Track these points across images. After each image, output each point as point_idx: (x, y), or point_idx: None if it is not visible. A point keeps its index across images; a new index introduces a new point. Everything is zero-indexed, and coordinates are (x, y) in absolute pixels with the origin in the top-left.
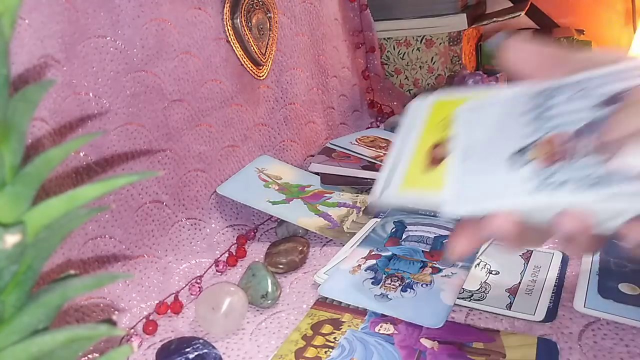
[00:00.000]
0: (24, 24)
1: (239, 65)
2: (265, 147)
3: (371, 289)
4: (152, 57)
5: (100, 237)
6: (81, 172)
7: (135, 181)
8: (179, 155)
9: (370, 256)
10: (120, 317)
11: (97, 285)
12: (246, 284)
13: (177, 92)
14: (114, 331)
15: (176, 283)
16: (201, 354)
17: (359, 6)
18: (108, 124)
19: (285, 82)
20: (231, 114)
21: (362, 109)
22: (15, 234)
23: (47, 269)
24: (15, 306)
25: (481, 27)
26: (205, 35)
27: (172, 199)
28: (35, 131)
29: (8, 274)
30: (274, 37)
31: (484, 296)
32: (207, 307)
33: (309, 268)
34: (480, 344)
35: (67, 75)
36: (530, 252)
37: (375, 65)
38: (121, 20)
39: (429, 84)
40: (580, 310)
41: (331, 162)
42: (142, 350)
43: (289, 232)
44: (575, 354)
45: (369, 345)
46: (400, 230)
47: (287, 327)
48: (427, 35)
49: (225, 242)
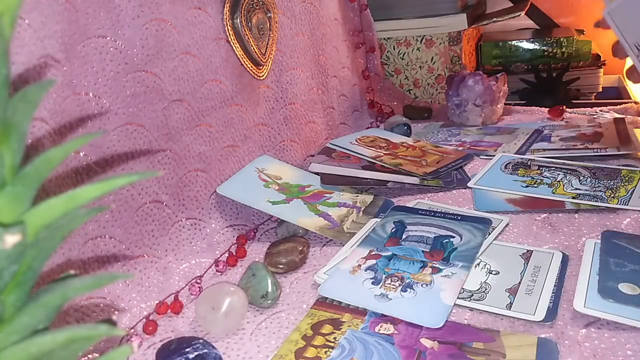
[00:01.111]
0: (24, 24)
1: (239, 65)
2: (265, 147)
3: (371, 289)
4: (152, 57)
5: (100, 237)
6: (81, 172)
7: (135, 181)
8: (179, 155)
9: (370, 256)
10: (120, 317)
11: (97, 285)
12: (246, 284)
13: (177, 92)
14: (114, 331)
15: (176, 283)
16: (201, 354)
17: (359, 6)
18: (108, 124)
19: (285, 82)
20: (231, 114)
21: (362, 109)
22: (15, 234)
23: (47, 269)
24: (15, 306)
25: (481, 27)
26: (205, 35)
27: (172, 199)
28: (35, 131)
29: (8, 274)
30: (274, 37)
31: (484, 296)
32: (207, 307)
33: (309, 268)
34: (480, 344)
35: (67, 75)
36: (530, 252)
37: (375, 65)
38: (121, 20)
39: (429, 84)
40: (580, 310)
41: (331, 162)
42: (142, 350)
43: (289, 232)
44: (575, 354)
45: (369, 345)
46: (400, 230)
47: (287, 327)
48: (427, 35)
49: (225, 242)
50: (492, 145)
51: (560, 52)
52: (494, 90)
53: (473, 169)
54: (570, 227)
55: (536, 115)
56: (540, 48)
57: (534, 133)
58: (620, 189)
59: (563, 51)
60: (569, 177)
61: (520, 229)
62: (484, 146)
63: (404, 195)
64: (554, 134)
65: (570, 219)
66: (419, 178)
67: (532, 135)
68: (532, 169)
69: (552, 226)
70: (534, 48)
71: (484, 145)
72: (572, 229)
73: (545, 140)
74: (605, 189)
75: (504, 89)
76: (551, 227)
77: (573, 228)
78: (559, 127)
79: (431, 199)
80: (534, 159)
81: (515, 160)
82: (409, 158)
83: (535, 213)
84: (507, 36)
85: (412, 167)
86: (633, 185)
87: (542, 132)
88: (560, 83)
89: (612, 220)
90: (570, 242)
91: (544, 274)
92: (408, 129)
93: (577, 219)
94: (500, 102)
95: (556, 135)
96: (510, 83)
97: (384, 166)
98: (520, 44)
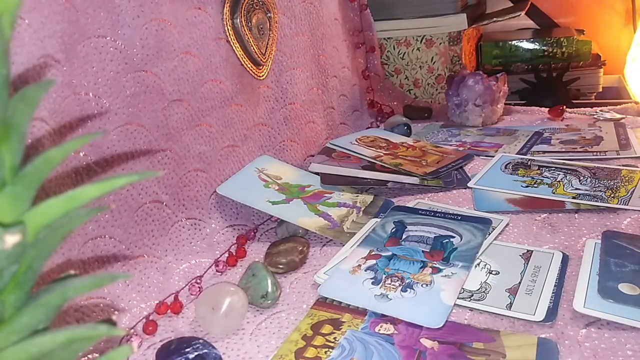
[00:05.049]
0: (24, 24)
1: (239, 65)
2: (265, 147)
3: (371, 289)
4: (152, 57)
5: (100, 237)
6: (81, 172)
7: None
8: (179, 155)
9: (370, 256)
10: (120, 317)
11: (97, 285)
12: (246, 284)
13: (177, 92)
14: (114, 331)
15: (176, 283)
16: (201, 354)
17: (359, 6)
18: (108, 124)
19: (285, 82)
20: (231, 114)
21: (362, 109)
22: (15, 234)
23: (47, 269)
24: (15, 306)
25: (481, 27)
26: (205, 35)
27: (172, 199)
28: (35, 131)
29: (8, 274)
30: (274, 37)
31: (484, 296)
32: (207, 307)
33: (309, 268)
34: (480, 344)
35: (67, 75)
36: (530, 252)
37: (375, 65)
38: (121, 20)
39: (429, 84)
40: (580, 310)
41: (331, 162)
42: (142, 350)
43: (289, 232)
44: (575, 354)
45: (369, 345)
46: (400, 230)
47: (287, 327)
48: (427, 35)
49: (225, 242)
50: (492, 147)
51: (560, 52)
52: (494, 90)
53: (473, 169)
54: (571, 227)
55: (536, 115)
56: (540, 48)
57: (534, 135)
58: (620, 189)
59: (563, 51)
60: (569, 177)
61: (520, 229)
62: (484, 147)
63: (404, 195)
64: (554, 137)
65: (571, 219)
66: (419, 178)
67: (532, 138)
68: (532, 169)
69: (552, 226)
70: (534, 48)
71: (484, 146)
72: (572, 229)
73: (545, 143)
74: (605, 189)
75: (504, 89)
76: (551, 227)
77: (573, 228)
78: (559, 129)
79: (431, 199)
80: (534, 159)
81: (516, 161)
82: (409, 158)
83: (535, 213)
84: (507, 36)
85: (412, 167)
86: (633, 185)
87: (542, 135)
88: (560, 83)
89: (612, 220)
90: (570, 242)
91: (544, 274)
92: (408, 129)
93: (577, 219)
94: (500, 102)
95: (556, 138)
96: (511, 83)
97: (384, 166)
98: (521, 44)
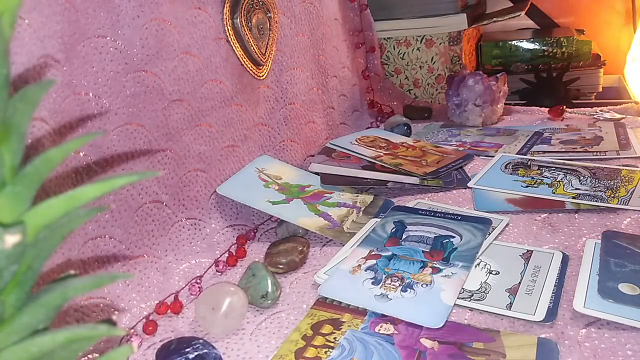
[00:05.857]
0: (24, 24)
1: (239, 65)
2: (265, 147)
3: (371, 289)
4: (152, 57)
5: (100, 237)
6: (81, 172)
7: (135, 181)
8: (179, 155)
9: (370, 256)
10: (120, 317)
11: (97, 285)
12: (246, 284)
13: (177, 92)
14: (114, 331)
15: (176, 283)
16: (201, 354)
17: (359, 6)
18: (108, 124)
19: (285, 82)
20: (231, 114)
21: (362, 109)
22: (15, 234)
23: (47, 269)
24: (15, 306)
25: (481, 27)
26: (205, 35)
27: (172, 199)
28: (35, 131)
29: (8, 274)
30: (274, 37)
31: (484, 296)
32: (207, 307)
33: (309, 268)
34: (480, 344)
35: (67, 75)
36: (530, 252)
37: (375, 65)
38: (121, 20)
39: (429, 84)
40: (580, 310)
41: (331, 162)
42: (142, 350)
43: (289, 232)
44: (575, 354)
45: (369, 345)
46: (400, 230)
47: (287, 327)
48: (427, 35)
49: (225, 242)
50: (492, 147)
51: (560, 52)
52: (494, 90)
53: (473, 169)
54: (571, 227)
55: (536, 115)
56: (540, 48)
57: (534, 135)
58: (620, 189)
59: (563, 51)
60: (569, 177)
61: (520, 229)
62: (484, 147)
63: (404, 195)
64: (554, 137)
65: (571, 219)
66: (419, 178)
67: (532, 138)
68: (532, 169)
69: (552, 226)
70: (534, 48)
71: (484, 146)
72: (572, 229)
73: (545, 143)
74: (605, 189)
75: (504, 89)
76: (551, 227)
77: (573, 228)
78: (559, 129)
79: (431, 199)
80: (534, 159)
81: (516, 161)
82: (409, 158)
83: (535, 213)
84: (507, 36)
85: (412, 167)
86: (633, 185)
87: (542, 135)
88: (560, 83)
89: (612, 220)
90: (570, 242)
91: (544, 274)
92: (408, 129)
93: (577, 219)
94: (500, 102)
95: (556, 138)
96: (511, 83)
97: (384, 166)
98: (521, 44)
